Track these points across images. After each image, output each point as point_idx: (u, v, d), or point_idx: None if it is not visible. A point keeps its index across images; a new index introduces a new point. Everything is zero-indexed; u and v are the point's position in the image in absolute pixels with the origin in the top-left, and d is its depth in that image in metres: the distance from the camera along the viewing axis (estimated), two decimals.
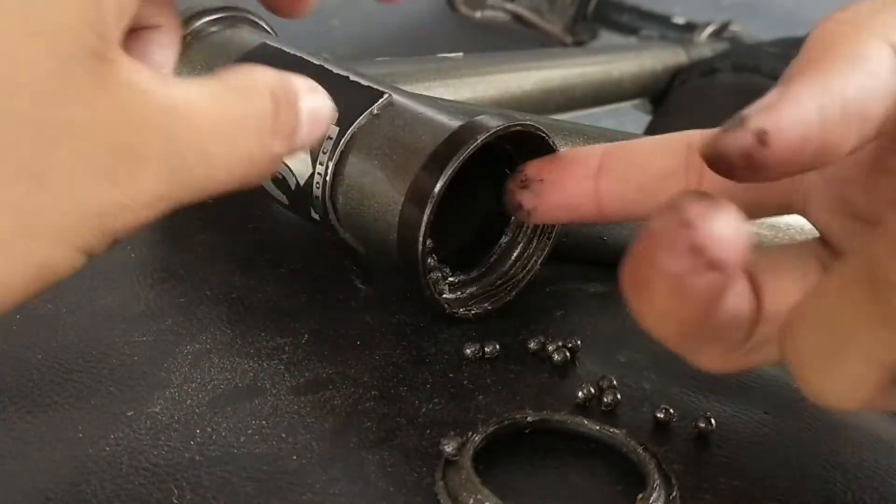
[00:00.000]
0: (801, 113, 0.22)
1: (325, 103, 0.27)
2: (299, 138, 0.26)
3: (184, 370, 0.34)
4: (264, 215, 0.46)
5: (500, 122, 0.36)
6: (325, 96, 0.27)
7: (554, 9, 1.46)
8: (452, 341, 0.37)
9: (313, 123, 0.27)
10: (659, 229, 0.22)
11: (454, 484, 0.29)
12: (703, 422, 0.33)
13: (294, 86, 0.26)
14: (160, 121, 0.22)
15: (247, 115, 0.24)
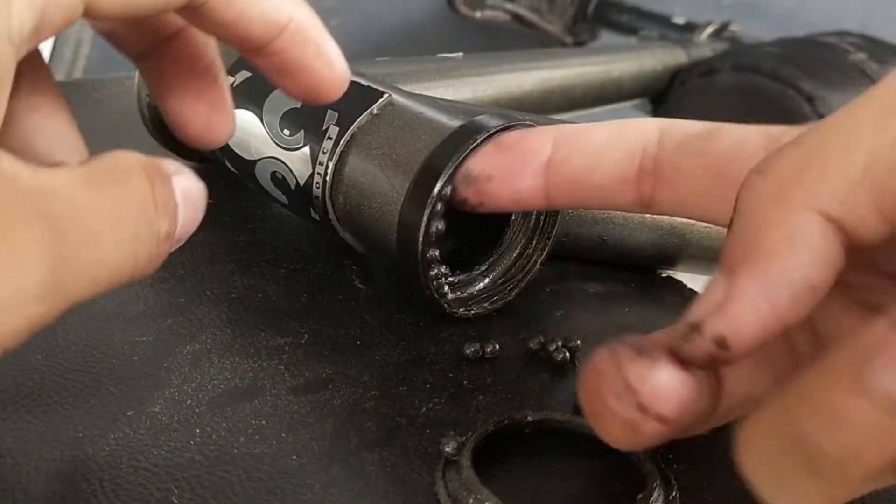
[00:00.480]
0: (753, 310, 0.23)
1: (196, 184, 0.26)
2: (180, 219, 0.25)
3: (184, 370, 0.34)
4: (264, 215, 0.46)
5: (500, 121, 0.36)
6: (195, 177, 0.27)
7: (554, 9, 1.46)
8: (452, 341, 0.37)
9: (188, 204, 0.26)
10: (604, 376, 0.24)
11: (454, 484, 0.29)
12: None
13: (164, 165, 0.25)
14: (33, 203, 0.21)
15: (125, 194, 0.23)
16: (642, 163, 0.31)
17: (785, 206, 0.23)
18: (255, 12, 0.28)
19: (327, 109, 0.39)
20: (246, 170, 0.42)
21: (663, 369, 0.24)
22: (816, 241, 0.23)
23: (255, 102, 0.41)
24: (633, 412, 0.24)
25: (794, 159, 0.24)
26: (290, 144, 0.39)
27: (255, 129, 0.40)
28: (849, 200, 0.23)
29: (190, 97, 0.31)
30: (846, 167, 0.23)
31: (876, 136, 0.23)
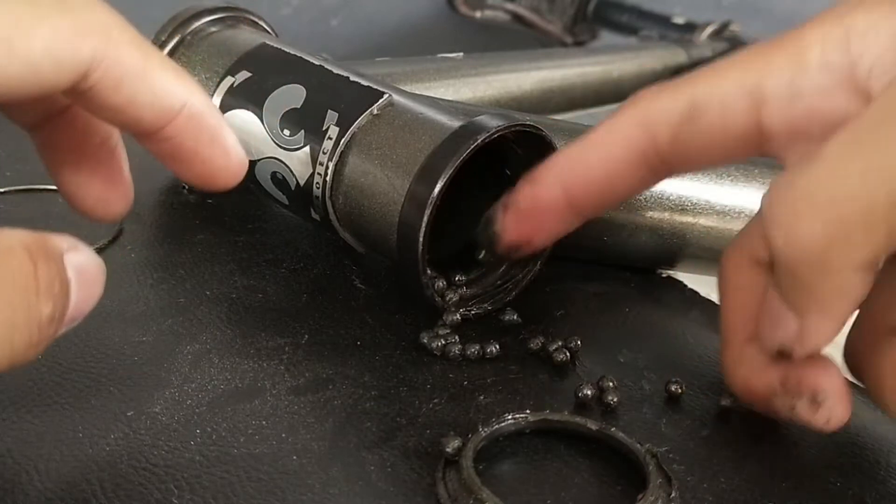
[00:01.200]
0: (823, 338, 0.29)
1: (91, 258, 0.25)
2: (73, 298, 0.25)
3: (184, 370, 0.34)
4: (264, 215, 0.46)
5: (500, 122, 0.36)
6: (91, 253, 0.26)
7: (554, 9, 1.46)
8: (452, 341, 0.37)
9: (84, 282, 0.25)
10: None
11: (454, 484, 0.29)
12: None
13: (53, 243, 0.24)
14: None
15: (1, 276, 0.22)
16: (649, 163, 0.32)
17: (827, 274, 0.27)
18: (146, 97, 0.27)
19: (328, 110, 0.39)
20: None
21: None
22: (860, 288, 0.27)
23: (255, 102, 0.41)
24: None
25: (816, 226, 0.26)
26: (291, 144, 0.39)
27: (255, 129, 0.40)
28: (883, 252, 0.26)
29: (84, 171, 0.30)
30: (870, 234, 0.25)
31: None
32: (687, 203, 0.42)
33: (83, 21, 0.25)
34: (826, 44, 0.29)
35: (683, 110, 0.31)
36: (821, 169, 0.26)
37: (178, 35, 0.45)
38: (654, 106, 0.32)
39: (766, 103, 0.30)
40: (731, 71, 0.31)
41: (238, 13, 0.47)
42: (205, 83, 0.44)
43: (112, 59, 0.26)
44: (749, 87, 0.30)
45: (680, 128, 0.31)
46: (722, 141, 0.31)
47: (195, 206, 0.46)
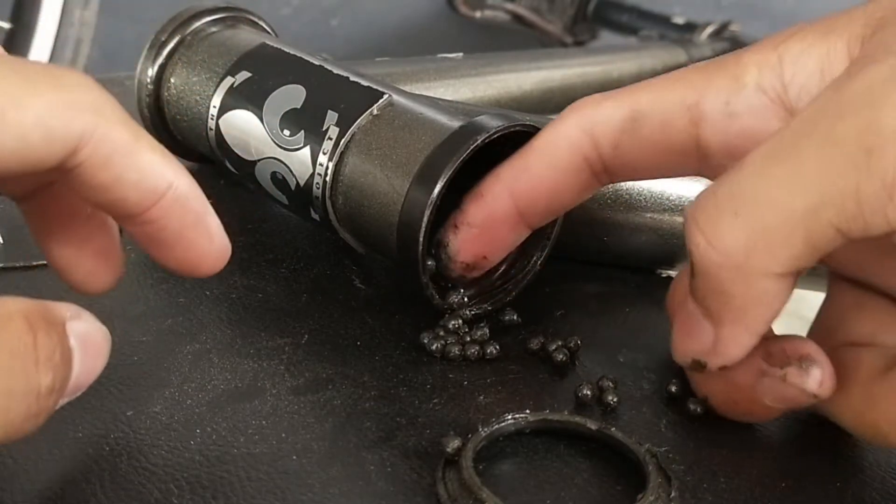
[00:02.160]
0: (740, 347, 0.30)
1: (95, 327, 0.26)
2: (76, 368, 0.24)
3: (184, 370, 0.34)
4: (264, 215, 0.46)
5: (500, 122, 0.36)
6: (94, 320, 0.26)
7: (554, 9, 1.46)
8: (453, 341, 0.37)
9: (87, 351, 0.25)
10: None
11: (454, 484, 0.29)
12: (692, 403, 0.34)
13: (55, 311, 0.24)
14: None
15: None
16: (592, 169, 0.33)
17: (747, 279, 0.27)
18: (132, 177, 0.27)
19: (328, 110, 0.39)
20: (246, 170, 0.42)
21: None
22: (778, 297, 0.28)
23: (255, 103, 0.41)
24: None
25: (738, 232, 0.27)
26: (291, 145, 0.39)
27: (255, 129, 0.40)
28: (801, 261, 0.27)
29: (73, 243, 0.30)
30: (789, 240, 0.26)
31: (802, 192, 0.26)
32: (687, 203, 0.42)
33: (76, 98, 0.26)
34: (762, 68, 0.30)
35: (626, 119, 0.32)
36: (743, 176, 0.27)
37: (178, 35, 0.45)
38: (597, 113, 0.33)
39: (704, 121, 0.31)
40: (674, 85, 0.32)
41: (238, 13, 0.47)
42: (205, 83, 0.44)
43: (102, 137, 0.26)
44: (689, 104, 0.31)
45: (622, 136, 0.32)
46: (661, 153, 0.32)
47: None
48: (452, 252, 0.36)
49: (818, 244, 0.26)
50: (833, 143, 0.25)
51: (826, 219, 0.25)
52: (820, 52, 0.29)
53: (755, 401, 0.31)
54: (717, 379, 0.32)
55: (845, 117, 0.25)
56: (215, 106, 0.42)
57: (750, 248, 0.27)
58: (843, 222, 0.25)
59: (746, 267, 0.27)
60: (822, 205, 0.25)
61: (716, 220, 0.27)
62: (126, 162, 0.26)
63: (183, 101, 0.45)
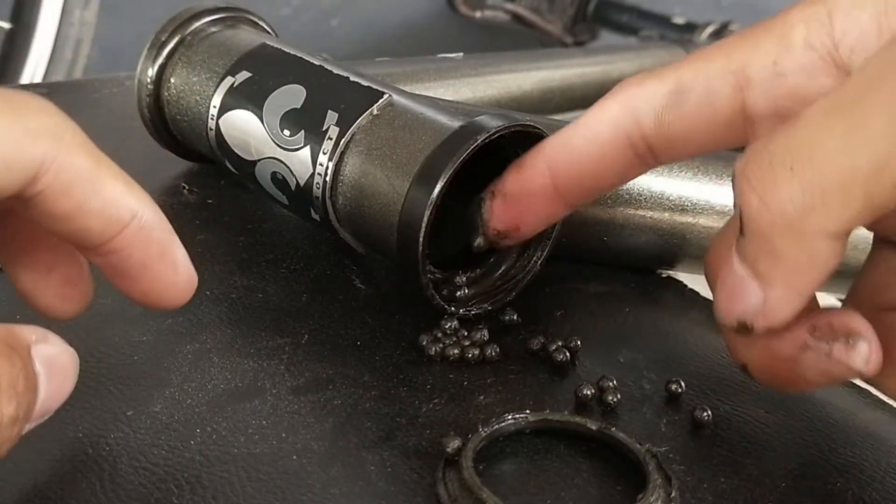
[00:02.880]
0: (789, 308, 0.28)
1: (62, 349, 0.25)
2: (41, 394, 0.24)
3: (184, 370, 0.34)
4: (264, 215, 0.46)
5: (500, 122, 0.36)
6: (61, 343, 0.25)
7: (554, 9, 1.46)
8: (453, 341, 0.37)
9: (54, 375, 0.24)
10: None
11: (454, 484, 0.29)
12: (700, 411, 0.33)
13: (19, 336, 0.23)
14: None
15: None
16: (635, 149, 0.32)
17: (802, 239, 0.26)
18: (96, 205, 0.26)
19: (328, 110, 0.39)
20: (246, 170, 0.42)
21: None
22: (832, 258, 0.26)
23: (255, 103, 0.41)
24: None
25: (794, 189, 0.25)
26: (291, 145, 0.39)
27: (255, 129, 0.40)
28: (858, 221, 0.25)
29: (39, 269, 0.29)
30: (849, 199, 0.25)
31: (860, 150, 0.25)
32: (687, 203, 0.42)
33: (35, 124, 0.25)
34: (810, 24, 0.29)
35: (668, 94, 0.31)
36: (801, 131, 0.26)
37: (178, 35, 0.45)
38: (640, 91, 0.32)
39: (750, 85, 0.30)
40: (716, 55, 0.31)
41: (238, 13, 0.47)
42: (205, 83, 0.44)
43: (63, 164, 0.25)
44: (733, 69, 0.30)
45: (664, 112, 0.31)
46: (706, 125, 0.31)
47: (195, 206, 0.46)
48: (485, 217, 0.35)
49: (878, 204, 0.25)
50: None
51: (890, 178, 0.24)
52: (876, 5, 0.28)
53: (797, 373, 0.29)
54: (759, 347, 0.30)
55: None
56: (215, 106, 0.42)
57: (807, 206, 0.25)
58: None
59: (802, 227, 0.26)
60: (888, 163, 0.24)
61: (770, 177, 0.26)
62: (88, 190, 0.26)
63: (183, 101, 0.45)
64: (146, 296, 0.28)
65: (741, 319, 0.28)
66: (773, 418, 0.34)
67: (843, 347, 0.28)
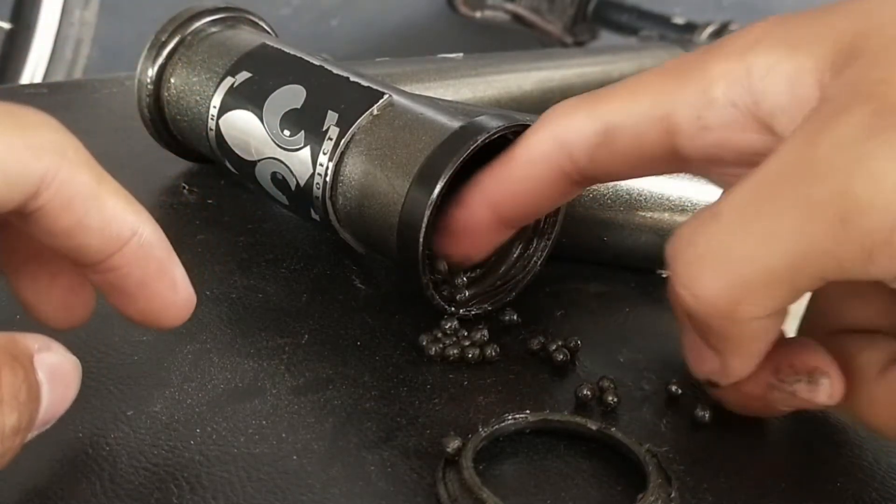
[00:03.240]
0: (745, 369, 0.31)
1: (65, 358, 0.25)
2: (44, 402, 0.24)
3: (184, 370, 0.34)
4: (264, 215, 0.46)
5: (500, 122, 0.36)
6: (65, 352, 0.25)
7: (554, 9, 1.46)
8: (453, 341, 0.37)
9: (56, 383, 0.24)
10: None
11: (454, 484, 0.29)
12: (700, 410, 0.34)
13: (21, 344, 0.23)
14: None
15: None
16: (570, 178, 0.33)
17: (736, 324, 0.28)
18: (95, 222, 0.26)
19: (328, 110, 0.39)
20: (246, 170, 0.42)
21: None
22: (774, 327, 0.29)
23: (255, 103, 0.41)
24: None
25: (721, 286, 0.27)
26: (291, 145, 0.39)
27: (256, 129, 0.40)
28: (787, 302, 0.27)
29: (42, 279, 0.29)
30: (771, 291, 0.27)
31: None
32: (687, 203, 0.42)
33: (38, 140, 0.25)
34: (730, 81, 0.30)
35: (598, 133, 0.32)
36: (720, 228, 0.27)
37: (178, 35, 0.45)
38: (569, 126, 0.33)
39: (679, 132, 0.31)
40: (642, 95, 0.32)
41: (238, 13, 0.47)
42: (205, 83, 0.44)
43: (64, 180, 0.25)
44: (660, 115, 0.31)
45: (596, 149, 0.32)
46: (639, 161, 0.32)
47: (195, 206, 0.46)
48: (436, 251, 0.37)
49: (803, 290, 0.27)
50: (808, 206, 0.25)
51: (808, 273, 0.26)
52: (788, 71, 0.29)
53: (768, 406, 0.32)
54: (730, 390, 0.32)
55: (820, 180, 0.25)
56: (215, 106, 0.42)
57: (735, 300, 0.27)
58: (825, 274, 0.26)
59: (733, 316, 0.27)
60: (803, 263, 0.26)
61: (695, 274, 0.27)
62: (89, 206, 0.26)
63: (183, 101, 0.45)
64: (144, 315, 0.28)
65: (707, 379, 0.32)
66: (772, 418, 0.34)
67: (806, 387, 0.30)
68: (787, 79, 0.29)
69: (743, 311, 0.27)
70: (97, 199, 0.26)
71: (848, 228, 0.24)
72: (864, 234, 0.24)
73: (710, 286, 0.27)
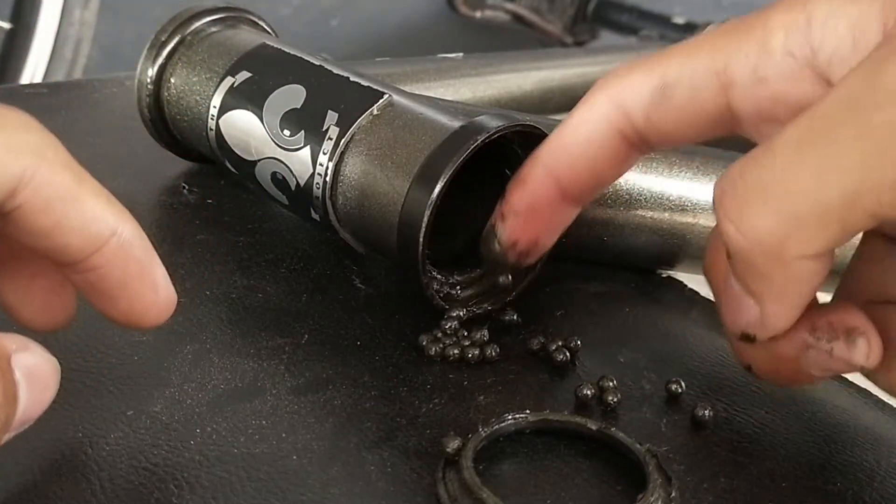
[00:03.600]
0: (784, 320, 0.29)
1: (43, 358, 0.25)
2: (21, 403, 0.24)
3: (184, 370, 0.34)
4: (264, 215, 0.46)
5: (500, 122, 0.36)
6: (43, 352, 0.25)
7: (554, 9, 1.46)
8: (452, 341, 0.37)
9: (34, 385, 0.24)
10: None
11: (454, 484, 0.29)
12: (700, 409, 0.33)
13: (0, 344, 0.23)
14: None
15: None
16: (629, 140, 0.32)
17: (783, 264, 0.27)
18: (75, 222, 0.26)
19: (328, 110, 0.39)
20: (246, 170, 0.42)
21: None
22: (818, 274, 0.27)
23: (255, 103, 0.41)
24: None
25: (769, 220, 0.26)
26: (291, 145, 0.39)
27: (256, 129, 0.40)
28: (837, 243, 0.26)
29: (21, 280, 0.28)
30: (823, 228, 0.26)
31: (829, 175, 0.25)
32: (687, 203, 0.42)
33: (16, 139, 0.25)
34: (789, 31, 0.29)
35: (655, 90, 0.31)
36: (774, 161, 0.26)
37: (178, 35, 0.45)
38: (626, 85, 0.32)
39: (734, 87, 0.30)
40: (700, 51, 0.31)
41: (238, 13, 0.47)
42: (205, 83, 0.44)
43: (43, 180, 0.25)
44: (717, 70, 0.30)
45: (652, 107, 0.31)
46: (695, 120, 0.31)
47: (195, 206, 0.46)
48: (504, 242, 0.35)
49: (854, 229, 0.26)
50: (870, 134, 0.24)
51: (862, 208, 0.25)
52: (851, 16, 0.28)
53: (800, 370, 0.30)
54: (762, 350, 0.31)
55: (883, 108, 0.24)
56: (215, 106, 0.42)
57: (783, 236, 0.26)
58: (880, 210, 0.25)
59: (781, 253, 0.26)
60: (859, 196, 0.25)
61: (745, 208, 0.26)
62: (68, 206, 0.25)
63: (183, 101, 0.45)
64: (126, 315, 0.28)
65: (744, 331, 0.30)
66: (773, 418, 0.34)
67: (844, 345, 0.29)
68: (849, 24, 0.28)
69: (791, 248, 0.26)
70: (77, 199, 0.26)
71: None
72: None
73: (759, 221, 0.26)
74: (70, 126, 0.53)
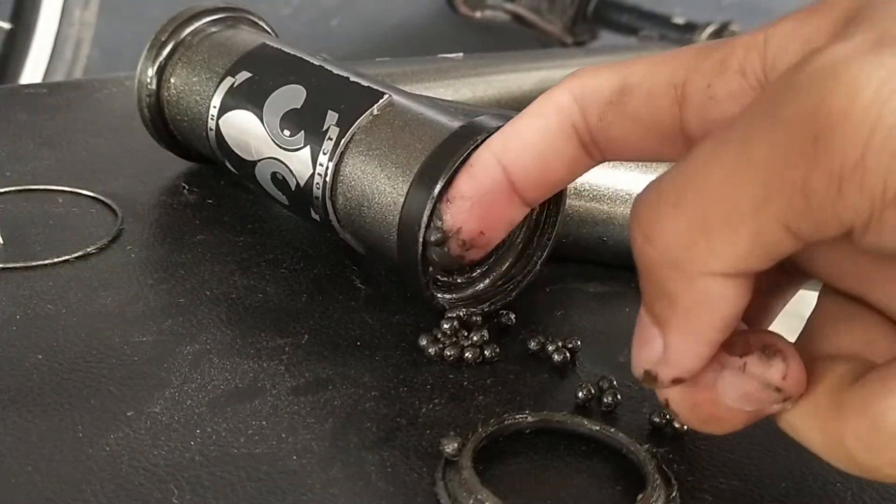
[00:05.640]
0: (692, 355, 0.27)
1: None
2: None
3: (184, 370, 0.34)
4: (264, 215, 0.46)
5: (500, 122, 0.36)
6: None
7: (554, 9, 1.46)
8: (452, 342, 0.37)
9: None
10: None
11: (454, 484, 0.29)
12: (680, 422, 0.33)
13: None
14: None
15: None
16: (581, 139, 0.32)
17: (687, 278, 0.25)
18: None
19: (328, 110, 0.39)
20: (246, 170, 0.42)
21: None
22: (726, 301, 0.25)
23: (255, 103, 0.41)
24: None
25: (678, 225, 0.25)
26: (291, 145, 0.39)
27: (256, 129, 0.40)
28: (748, 262, 0.24)
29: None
30: (732, 236, 0.24)
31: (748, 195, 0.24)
32: None
33: None
34: (748, 50, 0.28)
35: (614, 90, 0.31)
36: (690, 164, 0.25)
37: (178, 35, 0.45)
38: (590, 81, 0.31)
39: (687, 102, 0.29)
40: (667, 63, 0.30)
41: (238, 13, 0.47)
42: (205, 83, 0.44)
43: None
44: (676, 83, 0.30)
45: (608, 107, 0.31)
46: (645, 130, 0.30)
47: (195, 206, 0.46)
48: (448, 227, 0.34)
49: (766, 243, 0.24)
50: (781, 126, 0.23)
51: (773, 214, 0.23)
52: (803, 34, 0.27)
53: (716, 402, 0.27)
54: (675, 388, 0.28)
55: (795, 97, 0.23)
56: (215, 106, 0.42)
57: (689, 243, 0.24)
58: (791, 219, 0.23)
59: (685, 264, 0.25)
60: (769, 197, 0.23)
61: (655, 213, 0.25)
62: None
63: (183, 101, 0.45)
64: None
65: (645, 369, 0.27)
66: (773, 418, 0.34)
67: (758, 360, 0.27)
68: (801, 42, 0.27)
69: (696, 258, 0.24)
70: None
71: (819, 149, 0.22)
72: (835, 154, 0.22)
73: (668, 227, 0.25)
74: (70, 126, 0.53)
